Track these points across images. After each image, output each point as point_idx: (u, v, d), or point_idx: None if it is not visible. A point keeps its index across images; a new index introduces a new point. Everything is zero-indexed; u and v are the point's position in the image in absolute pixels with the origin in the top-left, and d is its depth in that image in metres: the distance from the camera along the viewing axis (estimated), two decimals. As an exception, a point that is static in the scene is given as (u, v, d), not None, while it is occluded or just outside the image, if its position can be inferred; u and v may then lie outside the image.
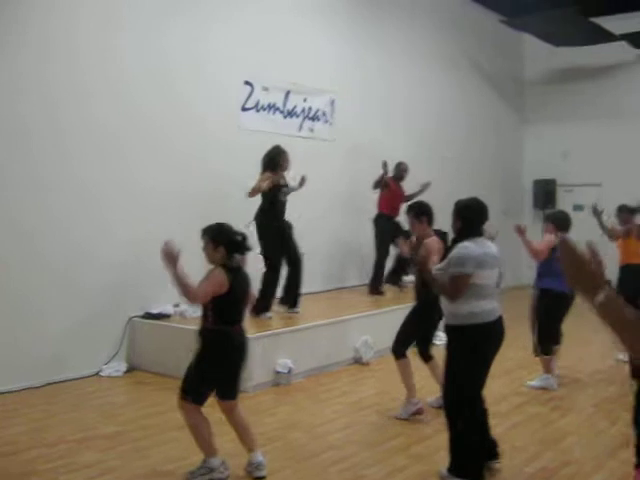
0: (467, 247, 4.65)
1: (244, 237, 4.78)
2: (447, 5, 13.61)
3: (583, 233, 7.97)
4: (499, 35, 14.99)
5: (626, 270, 8.90)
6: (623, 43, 13.91)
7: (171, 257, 4.43)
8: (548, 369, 7.37)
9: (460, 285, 4.62)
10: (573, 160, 15.40)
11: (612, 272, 8.61)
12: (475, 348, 4.68)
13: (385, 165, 10.26)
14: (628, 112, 14.88)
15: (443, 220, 6.73)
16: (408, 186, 10.68)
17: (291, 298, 8.69)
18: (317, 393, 7.17)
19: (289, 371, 7.37)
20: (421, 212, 6.23)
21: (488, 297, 4.72)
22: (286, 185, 8.45)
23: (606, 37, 13.58)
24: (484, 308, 4.68)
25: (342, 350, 8.27)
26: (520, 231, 6.97)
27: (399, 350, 6.34)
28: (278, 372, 7.35)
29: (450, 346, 4.79)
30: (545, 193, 15.74)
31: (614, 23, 13.42)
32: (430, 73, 13.19)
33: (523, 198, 15.71)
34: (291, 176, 8.60)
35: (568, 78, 15.68)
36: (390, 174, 10.46)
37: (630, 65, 14.97)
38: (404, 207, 7.28)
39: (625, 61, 14.92)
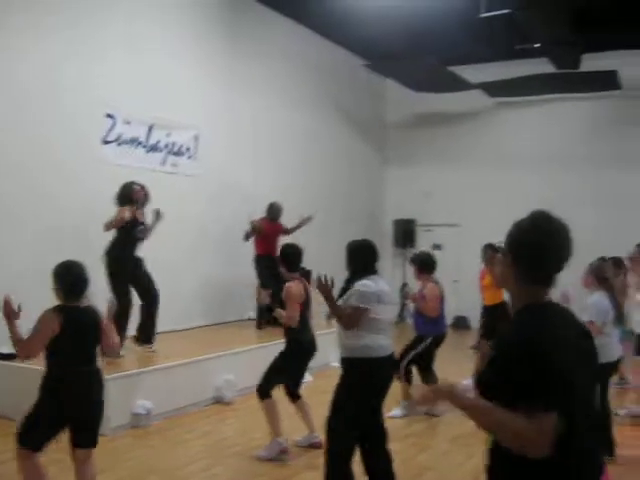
0: (367, 285, 4.88)
1: (77, 279, 4.53)
2: (314, 48, 13.86)
3: (441, 272, 8.33)
4: (364, 79, 15.37)
5: (498, 309, 8.93)
6: (480, 91, 14.62)
7: (10, 313, 4.34)
8: (407, 395, 7.64)
9: (358, 316, 4.81)
10: (432, 201, 15.95)
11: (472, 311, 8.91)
12: (366, 381, 4.84)
13: (252, 223, 10.44)
14: (485, 156, 15.63)
15: (309, 257, 6.77)
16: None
17: (145, 335, 8.43)
18: (178, 434, 6.96)
19: (148, 412, 7.12)
20: (281, 256, 6.35)
21: (383, 332, 4.94)
22: (143, 223, 8.22)
23: (463, 85, 14.23)
24: (379, 343, 4.88)
25: (204, 389, 8.07)
26: (415, 299, 7.20)
27: (263, 390, 6.26)
28: (136, 414, 7.08)
29: (343, 378, 4.92)
30: (405, 232, 16.19)
31: (471, 72, 14.08)
32: (297, 113, 13.33)
33: (384, 237, 16.08)
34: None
35: (429, 122, 16.29)
36: (256, 218, 10.61)
37: (486, 112, 15.74)
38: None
39: (482, 108, 15.67)
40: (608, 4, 11.23)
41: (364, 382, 4.82)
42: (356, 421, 4.85)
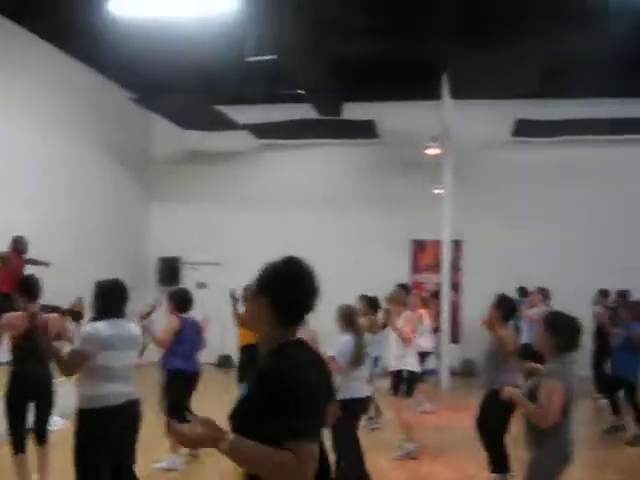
0: (95, 327, 4.59)
1: None
2: (80, 77, 13.36)
3: (206, 310, 8.25)
4: (130, 112, 15.01)
5: (248, 349, 9.01)
6: (247, 132, 14.86)
7: None
8: (175, 449, 7.30)
9: (77, 361, 4.52)
10: (198, 239, 15.86)
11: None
12: (100, 432, 4.50)
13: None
14: (250, 196, 15.86)
15: (69, 292, 6.43)
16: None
17: None
18: None
19: None
20: (25, 289, 5.91)
21: (117, 379, 4.62)
22: None
23: (231, 125, 14.40)
24: (111, 391, 4.58)
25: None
26: (143, 324, 6.89)
27: (16, 445, 5.78)
28: None
29: (75, 431, 4.56)
30: (170, 270, 15.94)
31: (239, 113, 14.25)
32: (57, 145, 12.70)
33: (148, 275, 15.74)
34: None
35: (196, 160, 16.24)
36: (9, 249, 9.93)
37: (252, 153, 16.02)
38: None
39: (248, 149, 15.94)
40: (367, 58, 11.94)
41: (96, 434, 4.49)
42: (94, 474, 4.53)
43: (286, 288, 2.49)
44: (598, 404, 11.01)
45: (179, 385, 7.32)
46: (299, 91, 13.42)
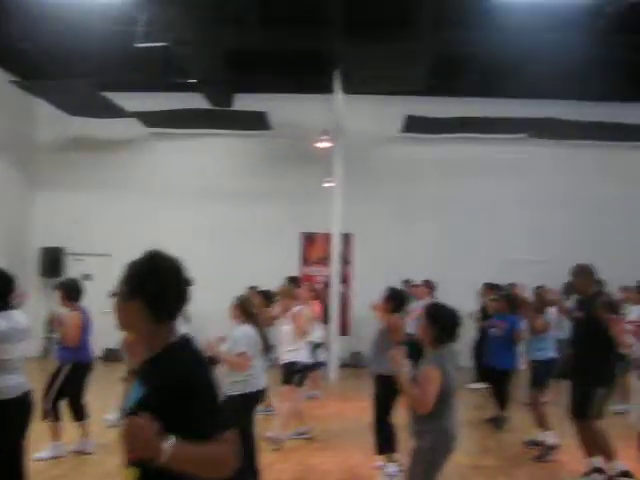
0: None
1: None
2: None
3: (91, 303, 8.01)
4: (12, 96, 14.32)
5: None
6: (135, 120, 14.49)
7: None
8: (56, 436, 7.18)
9: None
10: (84, 229, 15.35)
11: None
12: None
13: None
14: (139, 185, 15.49)
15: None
16: None
17: None
18: None
19: None
20: None
21: (14, 371, 4.57)
22: None
23: (118, 112, 13.95)
24: (9, 383, 4.52)
25: None
26: (58, 323, 6.73)
27: None
28: None
29: None
30: (53, 261, 15.36)
31: (127, 100, 13.81)
32: None
33: (28, 265, 15.10)
34: None
35: (83, 147, 15.70)
36: None
37: (141, 141, 15.66)
38: None
39: (136, 137, 15.57)
40: (260, 50, 11.92)
41: None
42: None
43: (158, 286, 2.39)
44: (481, 392, 11.36)
45: (76, 376, 7.29)
46: (190, 80, 13.22)
